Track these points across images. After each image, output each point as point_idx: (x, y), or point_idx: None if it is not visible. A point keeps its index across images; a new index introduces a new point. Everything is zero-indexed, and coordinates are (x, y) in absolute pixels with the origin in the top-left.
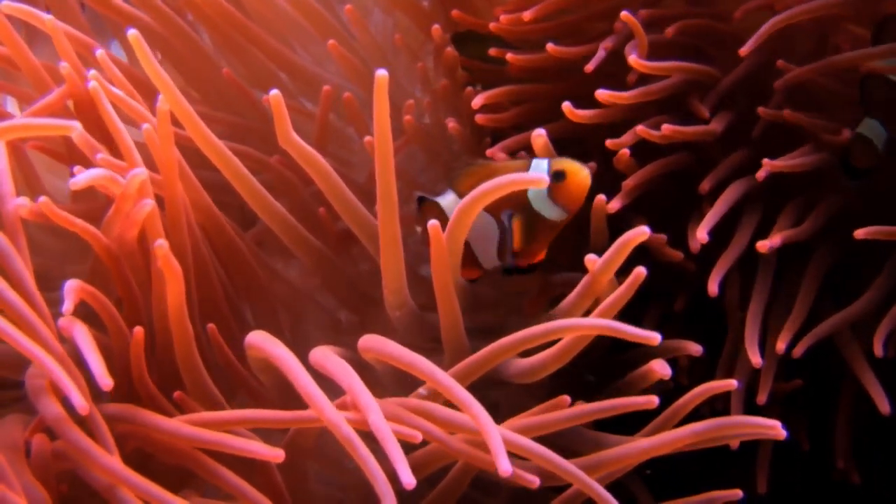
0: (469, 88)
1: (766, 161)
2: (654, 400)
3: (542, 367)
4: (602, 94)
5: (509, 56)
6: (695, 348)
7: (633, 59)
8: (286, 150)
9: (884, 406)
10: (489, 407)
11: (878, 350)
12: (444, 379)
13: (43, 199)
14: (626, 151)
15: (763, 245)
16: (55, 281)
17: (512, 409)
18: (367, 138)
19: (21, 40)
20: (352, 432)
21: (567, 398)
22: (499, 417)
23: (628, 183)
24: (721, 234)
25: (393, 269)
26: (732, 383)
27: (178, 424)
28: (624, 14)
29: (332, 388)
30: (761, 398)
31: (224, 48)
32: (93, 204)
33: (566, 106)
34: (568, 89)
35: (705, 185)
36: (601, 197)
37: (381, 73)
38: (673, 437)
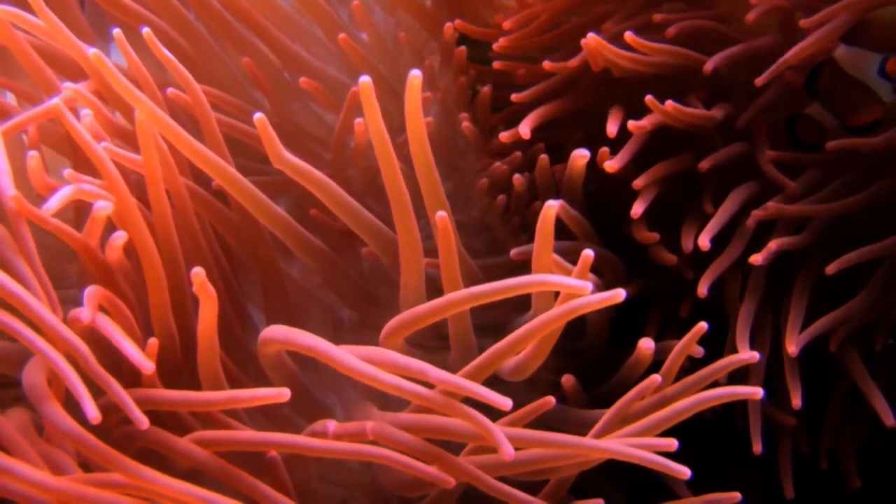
0: (486, 88)
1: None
2: (673, 443)
3: (524, 365)
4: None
5: (514, 97)
6: (696, 350)
7: (628, 35)
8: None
9: (889, 419)
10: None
11: (792, 350)
12: (488, 286)
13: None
14: (605, 150)
15: (756, 258)
16: (55, 280)
17: (513, 406)
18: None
19: (22, 37)
20: (453, 377)
21: (552, 399)
22: (500, 415)
23: (638, 183)
24: (721, 237)
25: (413, 267)
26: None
27: (186, 395)
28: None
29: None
30: (795, 402)
31: (227, 45)
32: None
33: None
34: (574, 101)
35: (704, 164)
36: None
37: (365, 80)
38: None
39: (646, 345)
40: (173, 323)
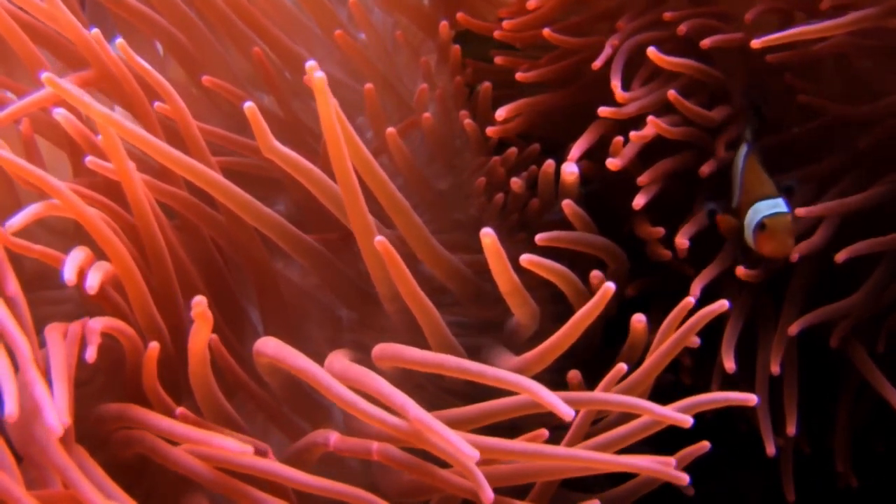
0: (487, 84)
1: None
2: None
3: (526, 367)
4: (604, 111)
5: (518, 75)
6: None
7: (650, 51)
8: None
9: None
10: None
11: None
12: (475, 367)
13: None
14: (619, 139)
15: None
16: (54, 280)
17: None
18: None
19: (18, 28)
20: (431, 421)
21: (545, 432)
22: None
23: (643, 179)
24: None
25: (373, 259)
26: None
27: (171, 423)
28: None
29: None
30: (790, 429)
31: (228, 44)
32: (93, 179)
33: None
34: (571, 96)
35: (704, 170)
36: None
37: (319, 76)
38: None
39: (637, 318)
40: (159, 319)
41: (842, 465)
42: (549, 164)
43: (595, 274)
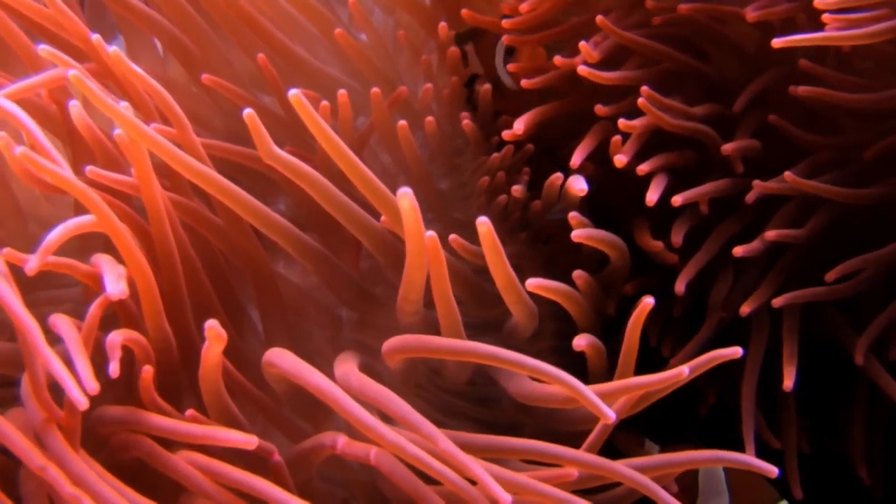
0: (487, 85)
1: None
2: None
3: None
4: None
5: (524, 83)
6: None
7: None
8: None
9: None
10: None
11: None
12: (512, 356)
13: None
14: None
15: (738, 250)
16: (57, 279)
17: (514, 405)
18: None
19: (18, 28)
20: (421, 453)
21: (574, 473)
22: (500, 411)
23: (643, 168)
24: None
25: (415, 282)
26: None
27: (174, 423)
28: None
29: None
30: (787, 384)
31: (228, 40)
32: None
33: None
34: (577, 102)
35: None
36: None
37: (405, 190)
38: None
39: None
40: (168, 327)
41: (863, 470)
42: (558, 176)
43: (578, 274)
